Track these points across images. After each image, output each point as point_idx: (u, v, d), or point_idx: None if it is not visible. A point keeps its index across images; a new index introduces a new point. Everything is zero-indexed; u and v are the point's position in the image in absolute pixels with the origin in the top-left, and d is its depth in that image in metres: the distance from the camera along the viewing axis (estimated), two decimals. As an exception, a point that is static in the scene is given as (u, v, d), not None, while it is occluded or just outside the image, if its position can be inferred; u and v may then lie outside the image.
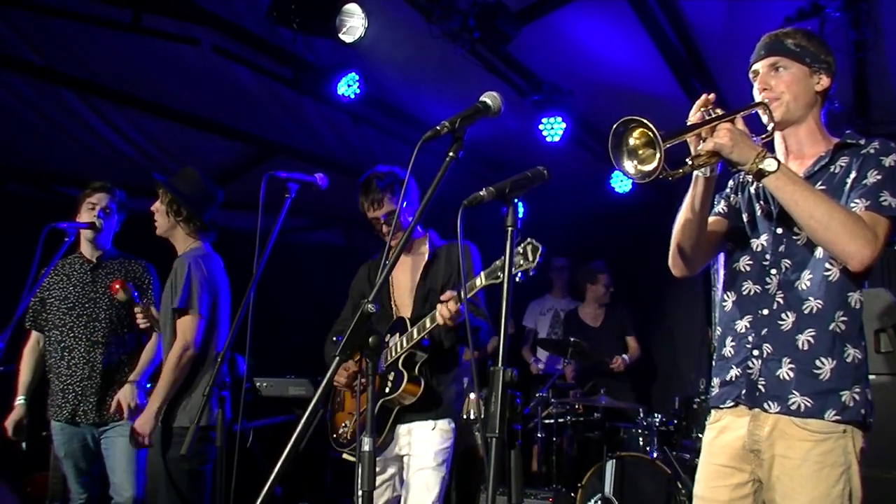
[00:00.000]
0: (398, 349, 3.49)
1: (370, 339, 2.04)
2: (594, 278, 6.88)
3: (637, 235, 6.15)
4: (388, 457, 3.55)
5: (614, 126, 2.20)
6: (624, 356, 6.55)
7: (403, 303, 3.70)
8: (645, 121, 2.15)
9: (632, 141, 2.22)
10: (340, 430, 3.70)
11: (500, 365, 1.94)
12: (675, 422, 5.36)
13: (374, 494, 2.06)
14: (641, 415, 5.46)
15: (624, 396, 6.37)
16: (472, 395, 5.65)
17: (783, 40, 2.47)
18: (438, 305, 3.26)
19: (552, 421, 5.93)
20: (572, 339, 6.43)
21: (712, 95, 2.36)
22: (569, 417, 5.85)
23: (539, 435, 5.83)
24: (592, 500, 5.31)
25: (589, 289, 6.95)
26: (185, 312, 3.78)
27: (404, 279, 3.73)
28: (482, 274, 3.12)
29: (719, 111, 2.32)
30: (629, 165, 2.24)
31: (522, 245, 2.88)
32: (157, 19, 4.69)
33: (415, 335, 3.41)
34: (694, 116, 2.34)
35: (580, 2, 4.62)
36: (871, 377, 3.56)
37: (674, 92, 5.41)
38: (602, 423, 5.87)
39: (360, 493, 2.05)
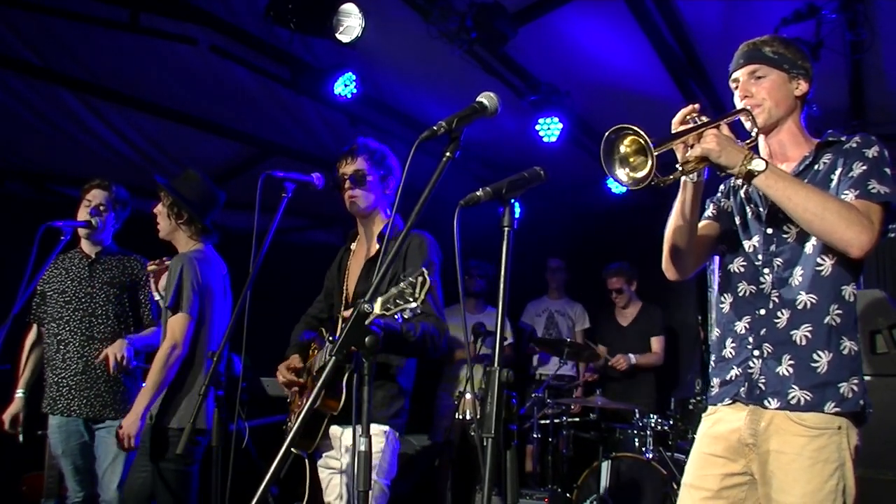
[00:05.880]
0: (324, 359, 3.20)
1: (367, 339, 2.05)
2: (607, 281, 6.86)
3: (633, 236, 6.16)
4: (331, 462, 3.29)
5: (606, 134, 2.24)
6: (630, 355, 6.51)
7: (350, 293, 3.42)
8: (636, 128, 2.19)
9: (623, 148, 2.27)
10: (288, 424, 3.49)
11: (496, 366, 1.94)
12: (671, 422, 5.37)
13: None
14: (637, 415, 5.47)
15: (645, 397, 6.36)
16: (469, 396, 5.68)
17: (761, 48, 2.53)
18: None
19: (548, 421, 5.93)
20: (567, 340, 6.43)
21: (697, 105, 2.41)
22: (565, 418, 5.86)
23: (535, 435, 5.84)
24: (588, 501, 5.32)
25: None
26: (174, 312, 3.78)
27: (355, 265, 3.48)
28: (379, 301, 2.42)
29: (704, 118, 2.38)
30: (621, 173, 2.29)
31: (416, 275, 2.32)
32: (154, 19, 4.69)
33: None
34: (680, 125, 2.38)
35: (578, 3, 4.63)
36: (867, 378, 3.56)
37: (671, 93, 5.43)
38: (598, 424, 5.87)
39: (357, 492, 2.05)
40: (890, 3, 4.47)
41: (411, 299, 2.28)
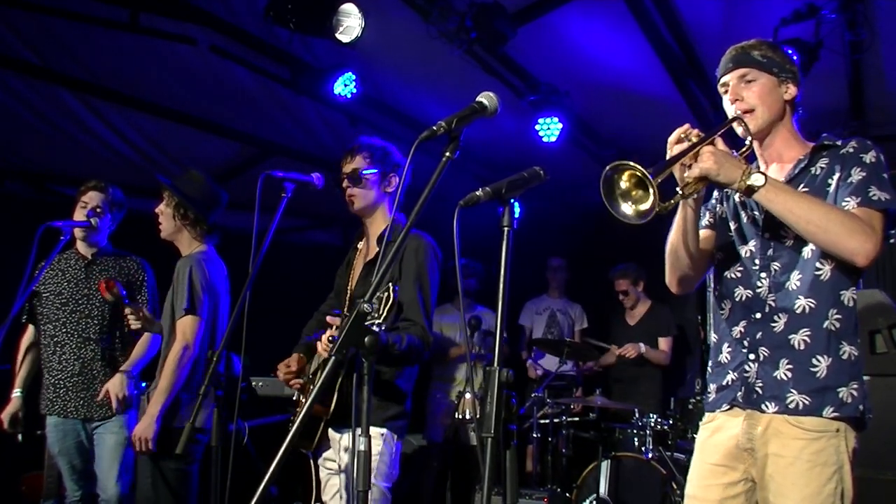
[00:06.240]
0: (317, 362, 3.25)
1: (366, 339, 2.04)
2: (613, 283, 6.87)
3: (632, 236, 6.14)
4: (329, 463, 3.28)
5: (604, 172, 2.23)
6: (641, 344, 6.50)
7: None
8: (632, 163, 2.19)
9: (623, 184, 2.26)
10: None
11: (496, 365, 1.94)
12: (671, 422, 5.37)
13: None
14: (637, 415, 5.46)
15: (647, 399, 6.34)
16: (468, 395, 5.68)
17: (750, 52, 2.52)
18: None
19: (548, 421, 5.93)
20: (567, 339, 6.43)
21: (692, 127, 2.40)
22: (564, 418, 5.86)
23: (535, 435, 5.83)
24: (588, 501, 5.32)
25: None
26: (186, 314, 3.79)
27: (359, 265, 3.47)
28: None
29: (700, 134, 2.37)
30: (626, 208, 2.27)
31: (382, 291, 2.29)
32: (154, 19, 4.69)
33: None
34: (674, 146, 2.38)
35: (577, 3, 4.63)
36: (865, 378, 3.55)
37: (670, 93, 5.42)
38: (598, 424, 5.87)
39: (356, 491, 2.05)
40: (889, 4, 4.47)
41: (376, 315, 2.25)
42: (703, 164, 2.29)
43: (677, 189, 2.39)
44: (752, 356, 2.45)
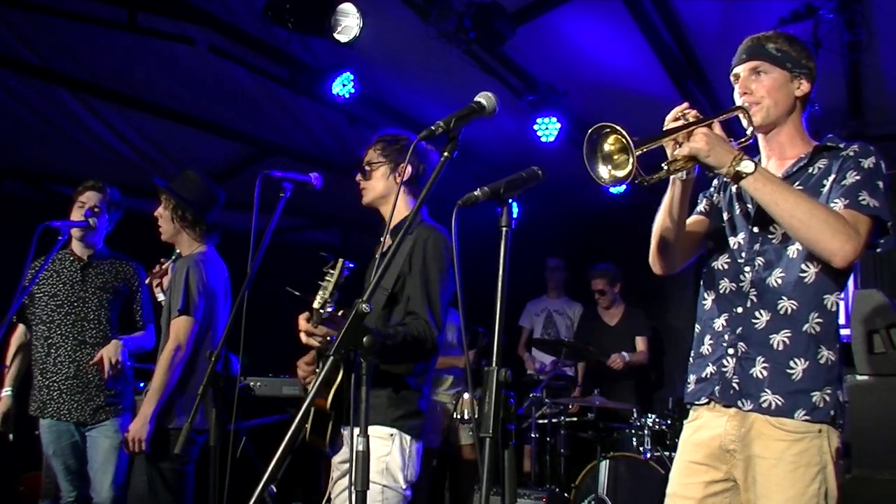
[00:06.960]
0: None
1: (364, 339, 2.04)
2: (591, 282, 6.89)
3: (631, 236, 6.13)
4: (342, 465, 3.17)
5: (588, 133, 2.21)
6: (624, 353, 6.53)
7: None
8: (618, 127, 2.17)
9: (606, 147, 2.24)
10: None
11: (494, 365, 1.94)
12: (669, 422, 5.37)
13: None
14: (635, 415, 5.47)
15: (628, 398, 6.35)
16: (466, 396, 5.68)
17: (765, 44, 2.48)
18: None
19: (546, 421, 5.93)
20: (566, 339, 6.43)
21: (688, 105, 2.39)
22: (563, 418, 5.86)
23: (533, 435, 5.84)
24: (586, 501, 5.32)
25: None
26: (180, 314, 3.79)
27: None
28: (318, 296, 2.69)
29: (699, 115, 2.35)
30: (603, 170, 2.25)
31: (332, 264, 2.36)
32: (153, 19, 4.69)
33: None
34: (672, 122, 2.36)
35: (576, 2, 4.63)
36: (864, 378, 3.54)
37: (669, 92, 5.43)
38: (596, 424, 5.88)
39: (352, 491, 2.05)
40: (888, 4, 4.48)
41: (326, 293, 2.29)
42: (693, 144, 2.26)
43: (663, 165, 2.36)
44: (731, 350, 2.44)
